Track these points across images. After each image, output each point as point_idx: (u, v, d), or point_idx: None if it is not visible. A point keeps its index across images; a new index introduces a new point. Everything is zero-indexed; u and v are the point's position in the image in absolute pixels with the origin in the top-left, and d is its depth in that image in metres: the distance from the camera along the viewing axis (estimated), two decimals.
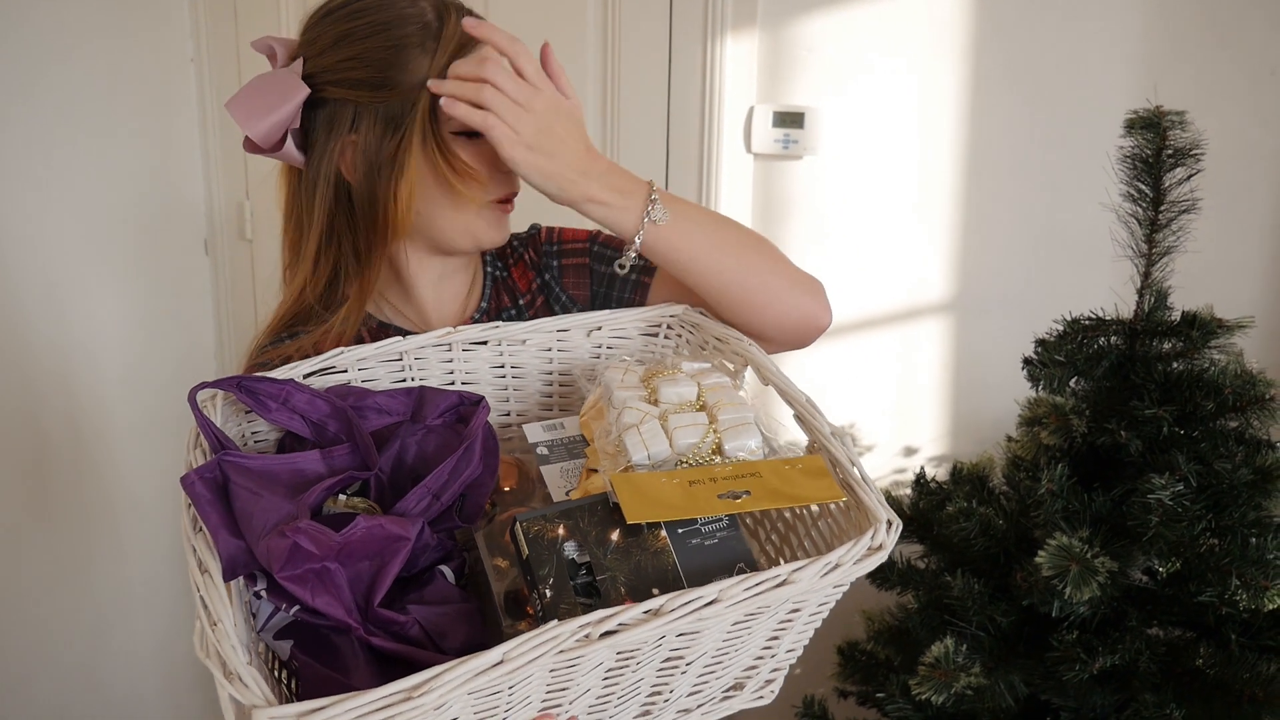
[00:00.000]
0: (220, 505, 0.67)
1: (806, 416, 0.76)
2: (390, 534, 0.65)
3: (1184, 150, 1.32)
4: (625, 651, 0.62)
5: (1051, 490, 1.33)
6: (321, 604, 0.63)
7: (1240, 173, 1.71)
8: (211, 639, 0.57)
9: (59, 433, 1.95)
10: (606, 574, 0.67)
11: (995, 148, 1.80)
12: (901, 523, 0.66)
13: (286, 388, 0.78)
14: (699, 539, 0.70)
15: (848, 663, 1.64)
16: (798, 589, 0.61)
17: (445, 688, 0.52)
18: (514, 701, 0.60)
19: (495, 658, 0.54)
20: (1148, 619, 1.34)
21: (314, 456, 0.73)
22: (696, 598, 0.59)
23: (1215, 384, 1.33)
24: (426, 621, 0.65)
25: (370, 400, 0.80)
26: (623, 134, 1.87)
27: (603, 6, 1.84)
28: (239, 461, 0.70)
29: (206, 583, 0.62)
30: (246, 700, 0.53)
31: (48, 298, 1.90)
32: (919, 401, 1.92)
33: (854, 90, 1.80)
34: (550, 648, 0.55)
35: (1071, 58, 1.74)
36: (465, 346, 0.90)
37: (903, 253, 1.85)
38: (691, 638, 0.64)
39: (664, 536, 0.69)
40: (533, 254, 1.11)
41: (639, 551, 0.68)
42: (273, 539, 0.63)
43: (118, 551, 2.11)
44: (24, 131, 1.81)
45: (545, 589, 0.65)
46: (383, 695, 0.52)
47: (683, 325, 0.96)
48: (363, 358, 0.86)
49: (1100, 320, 1.42)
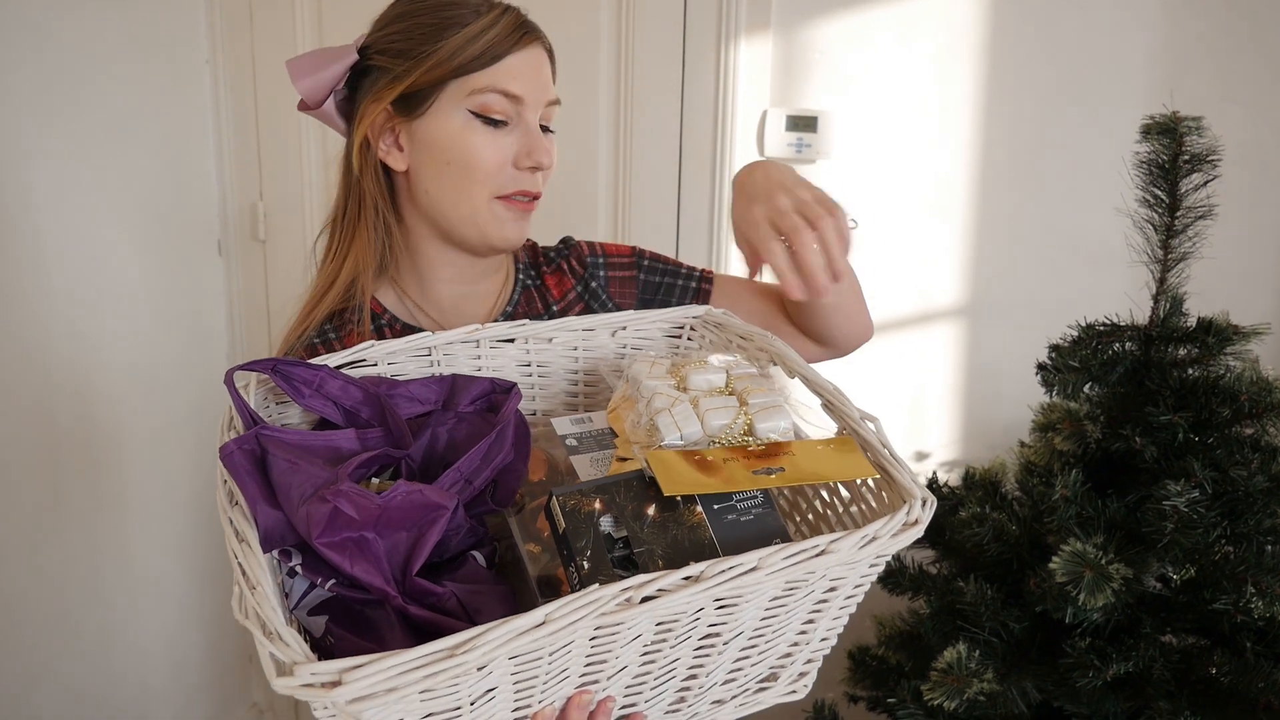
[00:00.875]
0: (258, 476, 0.67)
1: (835, 403, 0.77)
2: (430, 501, 0.65)
3: (1200, 156, 1.32)
4: (664, 623, 0.62)
5: (1065, 496, 1.32)
6: (359, 571, 0.62)
7: (1257, 179, 1.71)
8: (251, 601, 0.56)
9: (74, 429, 1.96)
10: (644, 547, 0.67)
11: (1009, 151, 1.80)
12: (936, 500, 0.66)
13: (321, 373, 0.79)
14: (734, 514, 0.70)
15: (859, 667, 1.63)
16: (835, 559, 0.61)
17: (487, 646, 0.52)
18: (553, 672, 0.60)
19: (538, 618, 0.54)
20: (1162, 626, 1.34)
21: (349, 435, 0.74)
22: (736, 564, 0.59)
23: (1231, 390, 1.32)
24: (463, 596, 0.65)
25: (402, 389, 0.81)
26: (636, 138, 1.87)
27: (616, 10, 1.85)
28: (277, 435, 0.70)
29: (244, 550, 0.62)
30: (287, 658, 0.52)
31: (67, 296, 1.91)
32: (931, 406, 1.92)
33: (867, 94, 1.80)
34: (592, 609, 0.55)
35: (1086, 62, 1.74)
36: (492, 343, 0.91)
37: (916, 257, 1.85)
38: (730, 610, 0.64)
39: (700, 512, 0.69)
40: (575, 264, 1.12)
41: (675, 526, 0.68)
42: (313, 503, 0.63)
43: (129, 545, 2.12)
44: (41, 132, 1.82)
45: (583, 560, 0.65)
46: (424, 653, 0.51)
47: (706, 326, 0.96)
48: (392, 351, 0.86)
49: (1115, 326, 1.42)
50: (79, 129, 1.90)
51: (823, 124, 1.79)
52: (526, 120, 0.96)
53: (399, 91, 0.95)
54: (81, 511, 2.01)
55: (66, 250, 1.90)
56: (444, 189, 0.97)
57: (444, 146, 0.95)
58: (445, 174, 0.96)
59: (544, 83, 0.98)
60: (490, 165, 0.95)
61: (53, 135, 1.85)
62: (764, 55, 1.79)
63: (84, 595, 2.03)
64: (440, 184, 0.97)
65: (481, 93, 0.94)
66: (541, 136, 0.98)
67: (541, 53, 0.98)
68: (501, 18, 0.95)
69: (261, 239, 2.26)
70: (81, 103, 1.90)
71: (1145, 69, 1.72)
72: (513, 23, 0.95)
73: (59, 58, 1.84)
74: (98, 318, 1.98)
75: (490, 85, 0.94)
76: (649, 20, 1.83)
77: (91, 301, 1.96)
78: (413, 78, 0.94)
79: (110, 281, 2.00)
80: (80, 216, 1.92)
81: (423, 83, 0.94)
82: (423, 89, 0.95)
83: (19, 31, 1.77)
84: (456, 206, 0.98)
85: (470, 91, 0.94)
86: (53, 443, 1.93)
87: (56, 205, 1.87)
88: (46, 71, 1.83)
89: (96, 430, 2.01)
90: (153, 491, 2.16)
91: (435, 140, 0.96)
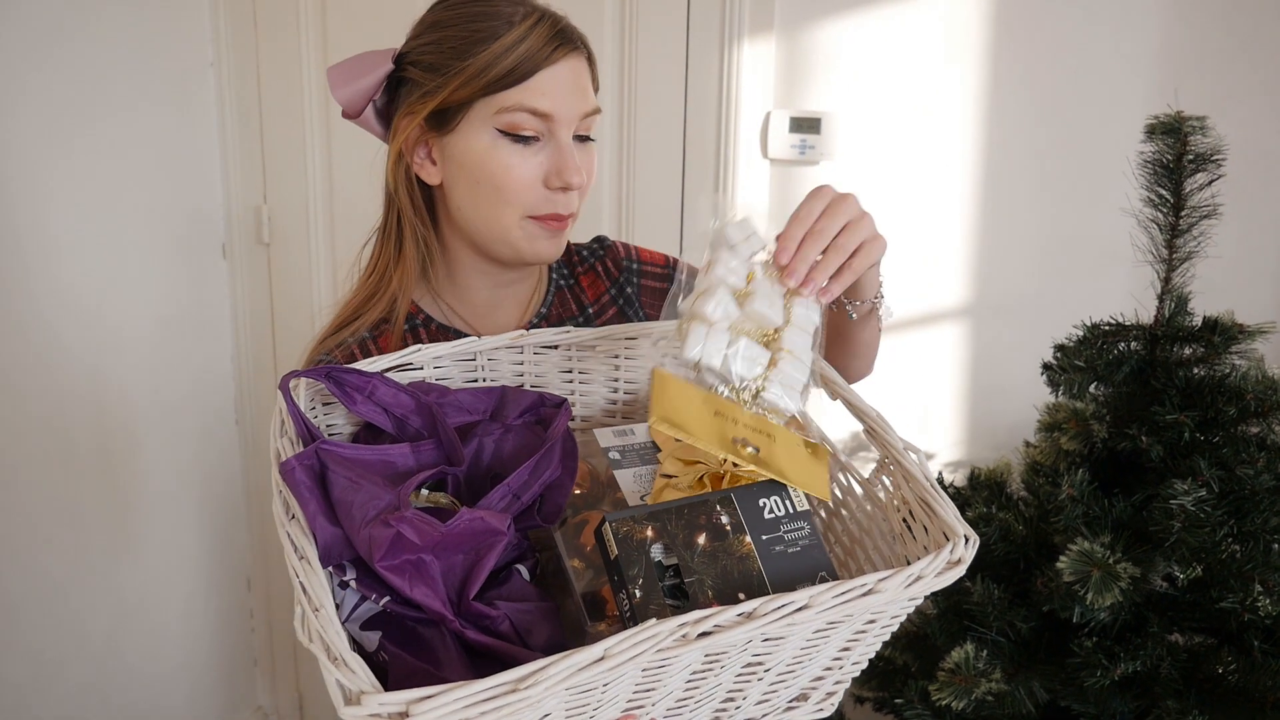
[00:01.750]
0: (319, 493, 0.68)
1: (878, 431, 0.76)
2: (490, 527, 0.66)
3: (1205, 155, 1.32)
4: (713, 654, 0.63)
5: (1072, 495, 1.33)
6: (419, 595, 0.63)
7: (1261, 178, 1.71)
8: (315, 624, 0.57)
9: (82, 433, 1.96)
10: (694, 577, 0.67)
11: (1013, 152, 1.80)
12: (979, 538, 0.67)
13: (373, 380, 0.79)
14: (782, 546, 0.71)
15: (866, 668, 1.63)
16: (882, 599, 0.62)
17: (550, 681, 0.53)
18: (604, 700, 0.61)
19: (598, 654, 0.55)
20: (1169, 625, 1.34)
21: (404, 450, 0.75)
22: (789, 603, 0.60)
23: (1237, 389, 1.32)
24: (513, 617, 0.66)
25: (451, 397, 0.81)
26: (640, 139, 1.88)
27: (620, 12, 1.85)
28: (335, 450, 0.71)
29: (305, 569, 0.62)
30: (354, 686, 0.53)
31: (74, 299, 1.91)
32: (937, 407, 1.92)
33: (870, 95, 1.80)
34: (650, 645, 0.56)
35: (1089, 62, 1.74)
36: (536, 349, 0.91)
37: (920, 257, 1.85)
38: (776, 643, 0.65)
39: (749, 543, 0.70)
40: (610, 265, 1.11)
41: (725, 556, 0.69)
42: (375, 527, 0.63)
43: (136, 548, 2.13)
44: (47, 137, 1.83)
45: (635, 589, 0.66)
46: (490, 686, 0.52)
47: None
48: (438, 356, 0.87)
49: (1120, 325, 1.42)
50: (84, 133, 1.90)
51: (826, 125, 1.79)
52: (558, 137, 0.93)
53: (430, 108, 0.93)
54: (89, 514, 2.01)
55: (71, 253, 1.90)
56: (476, 207, 0.96)
57: (474, 165, 0.93)
58: (476, 192, 0.95)
59: (578, 96, 0.94)
60: (520, 185, 0.93)
61: (58, 139, 1.85)
62: (767, 56, 1.79)
63: (92, 598, 2.03)
64: (472, 202, 0.96)
65: (509, 111, 0.91)
66: (572, 154, 0.94)
67: (578, 62, 0.95)
68: (533, 30, 0.91)
69: (266, 242, 2.26)
70: (87, 107, 1.90)
71: (1149, 69, 1.72)
72: (544, 35, 0.91)
73: (65, 63, 1.85)
74: (103, 320, 1.98)
75: (518, 104, 0.91)
76: (652, 21, 1.83)
77: (96, 304, 1.96)
78: (443, 95, 0.91)
79: (115, 285, 2.00)
80: (85, 220, 1.92)
81: (452, 100, 0.92)
82: (452, 106, 0.92)
83: (27, 38, 1.77)
84: (488, 225, 0.96)
85: (498, 110, 0.91)
86: (62, 446, 1.93)
87: (63, 209, 1.87)
88: (53, 76, 1.83)
89: (103, 433, 2.02)
90: (159, 494, 2.16)
91: (465, 158, 0.94)
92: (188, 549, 2.25)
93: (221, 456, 2.33)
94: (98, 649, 2.07)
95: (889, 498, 0.75)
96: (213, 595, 2.33)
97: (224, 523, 2.33)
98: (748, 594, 0.67)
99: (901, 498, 0.74)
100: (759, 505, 0.71)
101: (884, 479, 0.77)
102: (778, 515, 0.71)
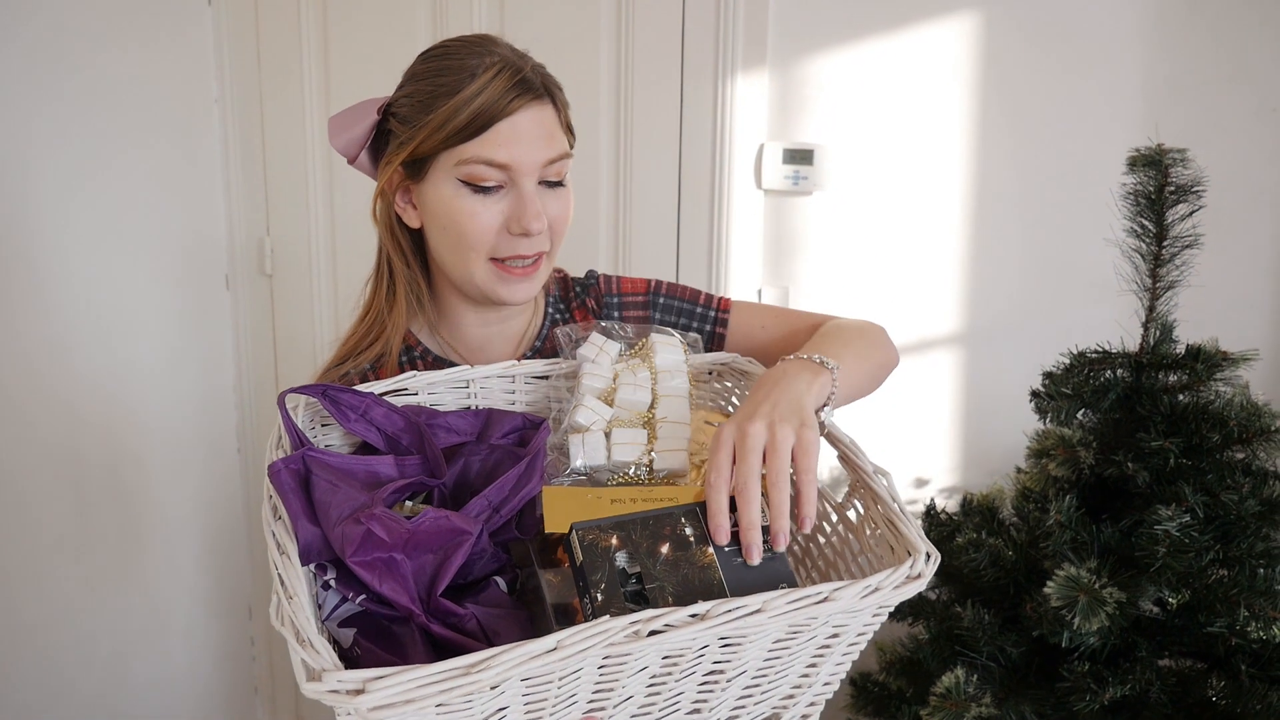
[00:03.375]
0: (301, 494, 0.72)
1: (850, 456, 0.80)
2: (455, 527, 0.69)
3: (1186, 187, 1.34)
4: (670, 657, 0.65)
5: (1060, 521, 1.34)
6: (387, 590, 0.67)
7: (1243, 208, 1.74)
8: (287, 610, 0.61)
9: (90, 462, 1.99)
10: (655, 584, 0.69)
11: (1001, 183, 1.83)
12: (940, 555, 0.69)
13: (367, 400, 0.84)
14: (743, 558, 0.73)
15: (860, 694, 1.64)
16: (837, 607, 0.64)
17: (501, 667, 0.56)
18: (561, 696, 0.63)
19: (550, 644, 0.57)
20: (1158, 650, 1.35)
21: (388, 461, 0.79)
22: (741, 606, 0.62)
23: (1221, 416, 1.34)
24: (483, 619, 0.69)
25: (441, 419, 0.86)
26: (636, 171, 1.91)
27: (615, 45, 1.89)
28: (320, 457, 0.75)
29: (284, 562, 0.66)
30: (316, 664, 0.56)
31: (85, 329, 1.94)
32: (929, 433, 1.94)
33: (863, 127, 1.83)
34: (601, 639, 0.58)
35: (1075, 95, 1.78)
36: (527, 379, 0.95)
37: (911, 286, 1.88)
38: (734, 649, 0.66)
39: (710, 553, 0.72)
40: (593, 303, 1.14)
41: (687, 566, 0.71)
42: (348, 524, 0.68)
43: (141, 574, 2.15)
44: (53, 167, 1.87)
45: (597, 593, 0.68)
46: (442, 669, 0.55)
47: (732, 373, 0.99)
48: (432, 382, 0.91)
49: (1106, 353, 1.44)
50: (90, 165, 1.94)
51: (819, 157, 1.83)
52: (519, 185, 0.95)
53: (402, 158, 0.97)
54: (97, 540, 2.03)
55: (76, 284, 1.93)
56: (445, 252, 1.00)
57: (441, 213, 0.97)
58: (445, 238, 0.98)
59: (539, 144, 0.95)
60: (481, 231, 0.96)
61: (65, 171, 1.89)
62: (760, 89, 1.83)
63: (99, 621, 2.06)
64: (443, 246, 0.99)
65: (469, 164, 0.93)
66: (534, 201, 0.96)
67: (540, 110, 0.96)
68: (491, 82, 0.93)
69: (268, 273, 2.30)
70: (93, 139, 1.94)
71: (1133, 101, 1.76)
72: (502, 87, 0.93)
73: (74, 96, 1.89)
74: (108, 350, 2.01)
75: (475, 156, 0.93)
76: (647, 55, 1.87)
77: (103, 335, 2.00)
78: (412, 146, 0.95)
79: (120, 315, 2.03)
80: (91, 251, 1.96)
81: (420, 152, 0.95)
82: (421, 156, 0.96)
83: (36, 74, 1.82)
84: (456, 268, 1.00)
85: (458, 161, 0.94)
86: (72, 475, 1.96)
87: (68, 241, 1.91)
88: (61, 109, 1.87)
89: (109, 462, 2.04)
90: (162, 521, 2.18)
91: (434, 206, 0.98)
92: (189, 576, 2.27)
93: (224, 485, 2.35)
94: (104, 670, 2.08)
95: (861, 520, 0.78)
96: (214, 622, 2.34)
97: (226, 550, 2.35)
98: (707, 600, 0.68)
99: (872, 519, 0.76)
100: None
101: (856, 502, 0.79)
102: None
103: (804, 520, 0.74)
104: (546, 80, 0.98)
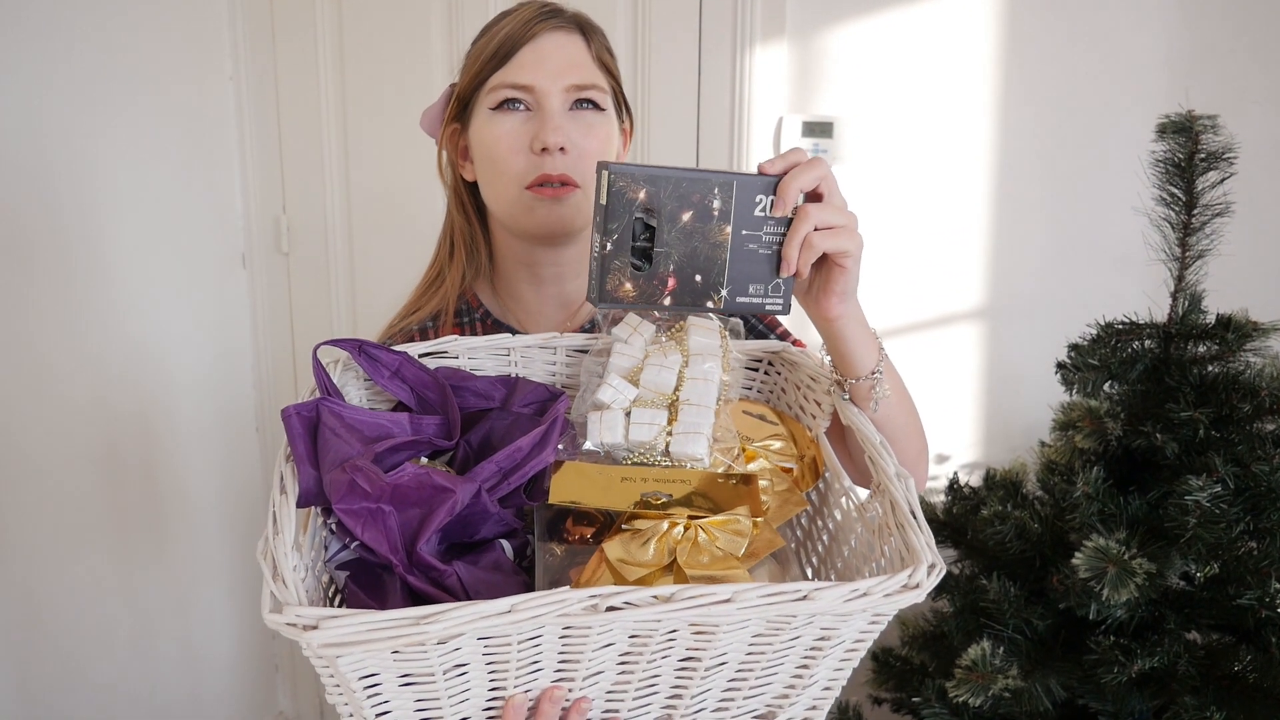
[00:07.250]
0: (308, 440, 0.74)
1: (875, 457, 0.78)
2: (437, 485, 0.70)
3: (1216, 154, 1.32)
4: (639, 636, 0.63)
5: (1087, 493, 1.33)
6: (369, 538, 0.69)
7: (1273, 176, 1.71)
8: (271, 546, 0.63)
9: (109, 443, 1.99)
10: (664, 249, 0.71)
11: (1025, 153, 1.81)
12: (945, 568, 0.65)
13: (401, 359, 0.85)
14: (755, 244, 0.74)
15: (882, 669, 1.64)
16: (818, 607, 0.61)
17: (451, 622, 0.56)
18: (523, 661, 0.62)
19: (504, 606, 0.57)
20: (1186, 622, 1.34)
21: (402, 419, 0.80)
22: (709, 594, 0.59)
23: (1252, 386, 1.33)
24: (468, 578, 0.69)
25: (471, 384, 0.87)
26: (653, 144, 1.89)
27: (633, 18, 1.87)
28: (334, 407, 0.77)
29: (281, 501, 0.68)
30: (282, 597, 0.59)
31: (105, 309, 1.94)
32: (952, 408, 1.92)
33: (883, 99, 1.81)
34: (555, 609, 0.58)
35: (1100, 62, 1.75)
36: (569, 352, 0.94)
37: (934, 259, 1.86)
38: (707, 638, 0.64)
39: (728, 232, 0.73)
40: None
41: (699, 239, 0.72)
42: (336, 473, 0.70)
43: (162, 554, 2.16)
44: (67, 149, 1.86)
45: (608, 242, 0.70)
46: (393, 616, 0.56)
47: (783, 362, 0.97)
48: (473, 347, 0.92)
49: (1134, 324, 1.43)
50: (105, 145, 1.93)
51: (839, 129, 1.81)
52: (544, 106, 0.97)
53: (453, 108, 1.03)
54: (116, 520, 2.04)
55: (92, 266, 1.93)
56: (487, 185, 1.03)
57: (480, 145, 1.01)
58: (485, 171, 1.02)
59: (562, 66, 0.98)
60: (508, 152, 0.98)
61: (79, 151, 1.89)
62: (780, 61, 1.80)
63: (118, 602, 2.06)
64: (486, 181, 1.03)
65: (496, 90, 0.98)
66: (552, 117, 0.96)
67: (565, 36, 0.99)
68: (519, 12, 0.99)
69: (285, 252, 2.29)
70: (107, 119, 1.93)
71: (1160, 69, 1.73)
72: (525, 16, 0.99)
73: (87, 76, 1.88)
74: (124, 333, 2.01)
75: (501, 81, 0.98)
76: (665, 27, 1.85)
77: (119, 317, 2.00)
78: (458, 90, 1.03)
79: (136, 295, 2.03)
80: (106, 233, 1.95)
81: (464, 94, 1.02)
82: (466, 99, 1.02)
83: (48, 53, 1.81)
84: (498, 202, 1.02)
85: (489, 90, 0.99)
86: (90, 454, 1.96)
87: (82, 222, 1.90)
88: (74, 90, 1.86)
89: (126, 441, 2.04)
90: (182, 500, 2.19)
91: (475, 145, 1.02)
92: (210, 555, 2.28)
93: (242, 463, 2.35)
94: (124, 651, 2.10)
95: (879, 524, 0.75)
96: (234, 600, 2.35)
97: (245, 528, 2.36)
98: (704, 280, 0.71)
99: (888, 525, 0.73)
100: (754, 201, 0.74)
101: (876, 505, 0.76)
102: (766, 215, 0.74)
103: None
104: (579, 16, 1.03)
